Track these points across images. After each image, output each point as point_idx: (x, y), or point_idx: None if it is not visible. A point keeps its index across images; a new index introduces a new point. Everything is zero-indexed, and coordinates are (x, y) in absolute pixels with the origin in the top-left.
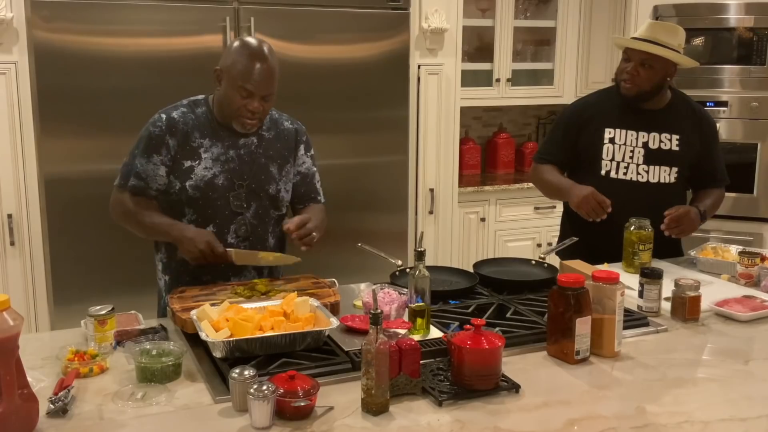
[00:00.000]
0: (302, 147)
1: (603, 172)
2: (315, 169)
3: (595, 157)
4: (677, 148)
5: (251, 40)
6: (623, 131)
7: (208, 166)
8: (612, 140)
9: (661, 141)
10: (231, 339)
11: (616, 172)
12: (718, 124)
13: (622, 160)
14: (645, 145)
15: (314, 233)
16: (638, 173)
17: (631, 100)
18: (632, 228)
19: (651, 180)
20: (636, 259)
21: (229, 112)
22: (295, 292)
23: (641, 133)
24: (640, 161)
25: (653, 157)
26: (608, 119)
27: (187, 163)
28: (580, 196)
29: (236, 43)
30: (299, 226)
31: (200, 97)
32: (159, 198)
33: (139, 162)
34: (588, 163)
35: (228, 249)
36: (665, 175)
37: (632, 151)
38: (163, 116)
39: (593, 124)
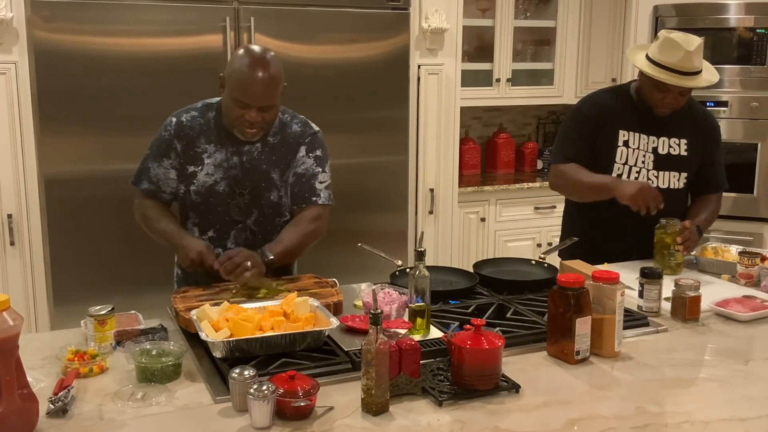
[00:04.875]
0: (303, 149)
1: (614, 176)
2: (319, 170)
3: (609, 160)
4: (686, 153)
5: (254, 48)
6: (636, 134)
7: (210, 172)
8: (626, 143)
9: (670, 146)
10: (231, 339)
11: (628, 176)
12: None
13: (635, 165)
14: (654, 150)
15: (245, 263)
16: (649, 178)
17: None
18: (667, 229)
19: (661, 185)
20: (672, 260)
21: (229, 120)
22: (295, 293)
23: (651, 138)
24: (651, 166)
25: (663, 162)
26: (623, 121)
27: (191, 168)
28: (633, 189)
29: (239, 52)
30: (222, 261)
31: (214, 100)
32: (172, 200)
33: (152, 166)
34: (601, 165)
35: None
36: (675, 180)
37: (644, 156)
38: (173, 120)
39: (609, 126)
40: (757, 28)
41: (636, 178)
